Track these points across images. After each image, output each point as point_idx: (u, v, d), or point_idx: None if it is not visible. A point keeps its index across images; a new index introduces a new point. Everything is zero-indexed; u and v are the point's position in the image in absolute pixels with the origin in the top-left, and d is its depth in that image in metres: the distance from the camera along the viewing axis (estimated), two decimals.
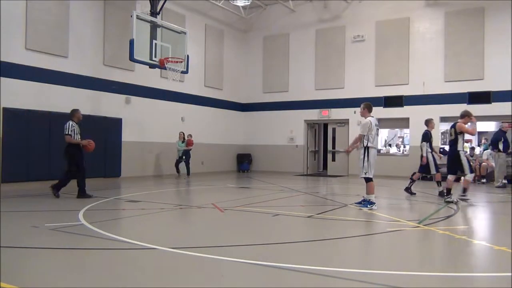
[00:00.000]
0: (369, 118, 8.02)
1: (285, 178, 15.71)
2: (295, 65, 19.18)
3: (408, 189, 10.43)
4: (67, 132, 8.82)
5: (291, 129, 19.22)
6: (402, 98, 16.75)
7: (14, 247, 4.78)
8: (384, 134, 18.87)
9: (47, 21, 12.16)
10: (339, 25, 18.19)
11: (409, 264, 4.45)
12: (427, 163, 10.27)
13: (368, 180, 7.95)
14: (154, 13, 12.37)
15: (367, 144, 7.92)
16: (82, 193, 8.92)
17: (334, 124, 18.75)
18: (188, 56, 12.81)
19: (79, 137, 8.98)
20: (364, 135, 7.93)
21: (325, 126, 19.55)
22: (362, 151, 7.97)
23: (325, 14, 18.57)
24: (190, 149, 15.14)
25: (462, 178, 9.39)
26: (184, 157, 15.03)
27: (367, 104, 8.26)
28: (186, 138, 15.19)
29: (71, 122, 8.94)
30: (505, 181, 12.78)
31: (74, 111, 9.21)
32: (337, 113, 18.19)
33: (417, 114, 16.42)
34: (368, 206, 7.86)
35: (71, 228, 5.83)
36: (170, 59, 12.07)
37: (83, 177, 8.98)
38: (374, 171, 8.03)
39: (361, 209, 7.84)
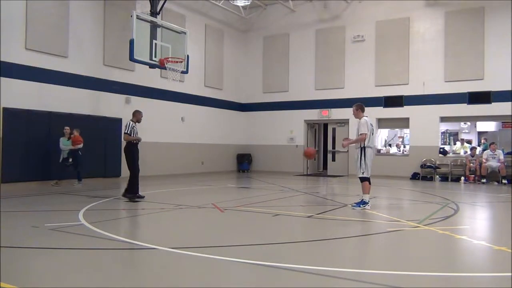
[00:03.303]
0: (364, 118, 8.03)
1: (285, 178, 15.70)
2: (295, 65, 19.17)
3: None
4: (126, 131, 8.90)
5: (291, 129, 19.21)
6: (402, 98, 16.73)
7: (14, 247, 4.78)
8: (384, 134, 18.90)
9: (47, 21, 12.15)
10: (339, 25, 18.18)
11: (409, 264, 4.45)
12: None
13: (363, 180, 7.96)
14: (154, 13, 12.35)
15: (363, 143, 7.93)
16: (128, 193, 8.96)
17: (334, 124, 18.75)
18: (188, 56, 12.80)
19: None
20: (366, 134, 7.90)
21: (325, 126, 19.53)
22: (359, 150, 7.97)
23: (325, 14, 18.56)
24: (79, 149, 11.81)
25: None
26: (71, 159, 11.75)
27: (359, 104, 8.26)
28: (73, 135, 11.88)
29: (130, 122, 8.98)
30: None
31: (135, 112, 9.22)
32: (337, 113, 18.16)
33: (417, 114, 16.45)
34: (361, 206, 7.86)
35: (71, 228, 5.83)
36: (170, 59, 12.06)
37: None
38: (370, 171, 8.03)
39: (354, 208, 7.85)
